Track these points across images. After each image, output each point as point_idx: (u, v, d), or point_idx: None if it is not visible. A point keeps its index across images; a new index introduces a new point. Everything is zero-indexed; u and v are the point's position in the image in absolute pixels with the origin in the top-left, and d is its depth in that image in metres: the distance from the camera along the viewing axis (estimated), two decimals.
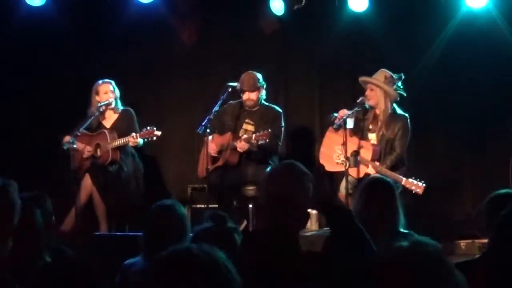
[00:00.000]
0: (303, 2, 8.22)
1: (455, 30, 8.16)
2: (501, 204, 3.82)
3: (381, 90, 7.13)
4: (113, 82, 7.76)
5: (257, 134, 7.16)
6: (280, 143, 7.62)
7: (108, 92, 7.71)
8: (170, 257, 1.71)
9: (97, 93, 7.72)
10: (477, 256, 3.77)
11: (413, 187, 6.74)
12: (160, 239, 3.61)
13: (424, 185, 6.72)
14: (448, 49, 8.19)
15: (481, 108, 8.20)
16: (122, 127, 7.68)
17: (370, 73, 7.26)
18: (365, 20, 8.27)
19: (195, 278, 1.66)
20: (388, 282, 2.38)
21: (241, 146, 7.32)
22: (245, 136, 7.44)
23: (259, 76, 7.56)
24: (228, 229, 3.12)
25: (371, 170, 6.98)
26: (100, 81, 7.74)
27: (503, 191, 3.92)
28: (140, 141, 7.47)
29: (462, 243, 7.47)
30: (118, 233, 7.24)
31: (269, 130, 7.17)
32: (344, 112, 7.00)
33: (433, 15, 8.21)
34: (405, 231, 4.26)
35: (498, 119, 8.09)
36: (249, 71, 7.55)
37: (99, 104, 7.60)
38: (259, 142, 7.14)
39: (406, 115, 7.22)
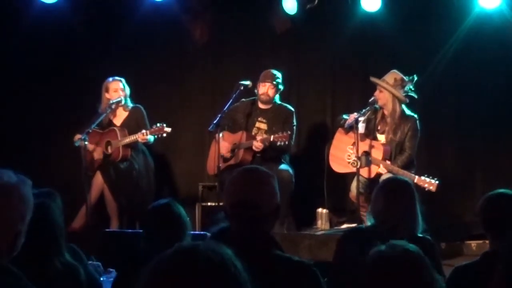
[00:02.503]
0: (316, 2, 8.20)
1: (468, 31, 8.13)
2: (495, 205, 3.83)
3: (389, 93, 7.12)
4: (123, 80, 7.78)
5: (277, 135, 7.15)
6: (292, 142, 7.62)
7: (118, 90, 7.73)
8: (177, 255, 1.70)
9: (107, 90, 7.75)
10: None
11: (426, 185, 6.72)
12: (158, 239, 3.62)
13: (437, 182, 6.69)
14: (461, 50, 8.16)
15: (494, 108, 8.17)
16: (132, 125, 7.70)
17: (382, 73, 7.24)
18: (377, 20, 8.25)
19: (202, 275, 1.65)
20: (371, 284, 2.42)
21: (258, 146, 7.32)
22: (261, 136, 7.45)
23: (280, 76, 7.58)
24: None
25: (382, 170, 6.96)
26: (110, 79, 7.76)
27: (496, 192, 3.91)
28: (151, 138, 7.47)
29: (473, 243, 7.45)
30: (129, 230, 7.24)
31: (289, 132, 7.19)
32: (355, 115, 6.99)
33: (446, 15, 8.18)
34: (420, 235, 4.24)
35: (511, 120, 8.07)
36: (272, 69, 7.57)
37: (111, 102, 7.62)
38: (278, 144, 7.14)
39: (415, 116, 7.21)
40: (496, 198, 3.87)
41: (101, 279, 4.44)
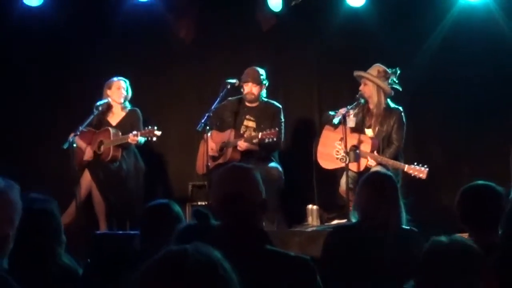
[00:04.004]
0: None
1: (453, 23, 8.17)
2: (471, 198, 3.83)
3: (374, 85, 7.16)
4: (127, 81, 7.87)
5: (265, 132, 7.15)
6: (282, 139, 7.63)
7: (120, 88, 7.82)
8: (166, 258, 1.71)
9: (110, 88, 7.82)
10: None
11: (416, 173, 6.76)
12: (156, 238, 3.62)
13: (427, 169, 6.73)
14: (446, 42, 8.20)
15: (479, 101, 8.20)
16: (127, 126, 7.74)
17: (368, 68, 7.28)
18: (362, 15, 8.28)
19: (191, 279, 1.65)
20: (431, 275, 2.42)
21: (242, 145, 7.32)
22: (246, 135, 7.46)
23: (263, 72, 7.58)
24: (211, 226, 3.13)
25: (372, 162, 7.00)
26: (115, 78, 7.84)
27: (472, 184, 3.92)
28: (141, 139, 7.49)
29: (464, 236, 7.46)
30: (119, 232, 7.24)
31: (277, 129, 7.19)
32: (343, 110, 7.01)
33: (430, 8, 8.21)
34: (407, 227, 4.26)
35: (496, 112, 8.11)
36: (253, 66, 7.58)
37: (97, 104, 7.68)
38: (266, 141, 7.14)
39: (400, 108, 7.25)
40: (472, 191, 3.87)
41: None
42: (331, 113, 7.21)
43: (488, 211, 3.77)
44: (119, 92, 7.80)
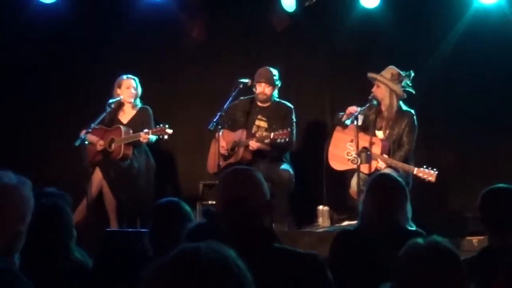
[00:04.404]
0: None
1: (467, 26, 8.14)
2: (493, 201, 3.84)
3: (386, 87, 7.14)
4: (136, 79, 7.86)
5: (277, 132, 7.14)
6: (294, 139, 7.62)
7: (130, 87, 7.80)
8: (180, 256, 1.70)
9: (119, 87, 7.81)
10: (475, 253, 3.78)
11: (426, 176, 6.74)
12: (165, 237, 3.62)
13: (436, 172, 6.70)
14: (460, 46, 8.17)
15: (492, 104, 8.17)
16: (138, 124, 7.72)
17: (381, 70, 7.26)
18: (376, 16, 8.26)
19: (205, 277, 1.65)
20: (409, 276, 2.41)
21: (253, 145, 7.32)
22: (258, 135, 7.45)
23: (276, 72, 7.57)
24: (221, 225, 3.13)
25: (382, 164, 6.98)
26: (125, 76, 7.83)
27: (495, 187, 3.93)
28: (152, 138, 7.48)
29: (475, 239, 7.44)
30: (129, 229, 7.24)
31: (289, 129, 7.18)
32: (353, 108, 7.00)
33: (444, 11, 8.19)
34: (412, 228, 4.26)
35: (508, 116, 8.08)
36: (266, 67, 7.57)
37: (110, 101, 7.66)
38: (278, 141, 7.13)
39: (412, 111, 7.22)
40: (494, 194, 3.88)
41: None
42: (341, 113, 7.20)
43: (508, 213, 3.78)
44: (128, 91, 7.79)
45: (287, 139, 7.12)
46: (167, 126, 7.40)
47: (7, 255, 2.56)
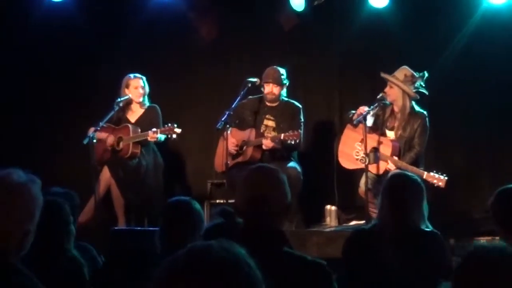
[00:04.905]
0: None
1: (476, 26, 8.12)
2: (506, 201, 3.83)
3: (399, 89, 7.11)
4: (144, 78, 7.84)
5: (287, 134, 7.13)
6: (302, 139, 7.61)
7: (138, 87, 7.78)
8: (190, 254, 1.69)
9: (127, 86, 7.79)
10: None
11: (435, 181, 6.71)
12: (176, 235, 3.62)
13: (446, 178, 6.68)
14: (469, 45, 8.15)
15: (501, 104, 8.16)
16: (145, 123, 7.72)
17: (390, 69, 7.23)
18: (385, 16, 8.24)
19: (216, 275, 1.64)
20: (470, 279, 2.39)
21: (268, 144, 7.29)
22: (269, 134, 7.45)
23: (284, 72, 7.56)
24: (238, 224, 3.13)
25: (391, 166, 6.96)
26: (132, 75, 7.81)
27: (507, 187, 3.92)
28: (161, 137, 7.48)
29: (483, 240, 7.42)
30: (137, 228, 7.25)
31: (299, 131, 7.18)
32: (363, 109, 6.99)
33: (454, 11, 8.17)
34: (427, 229, 4.24)
35: None
36: (274, 66, 7.56)
37: (118, 100, 7.66)
38: (288, 142, 7.13)
39: (425, 112, 7.20)
40: (507, 193, 3.88)
41: None
42: (353, 111, 7.18)
43: None
44: (137, 91, 7.78)
45: (297, 141, 7.12)
46: (175, 125, 7.40)
47: (16, 254, 2.56)
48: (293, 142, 7.12)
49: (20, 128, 8.73)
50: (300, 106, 7.67)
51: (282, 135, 7.16)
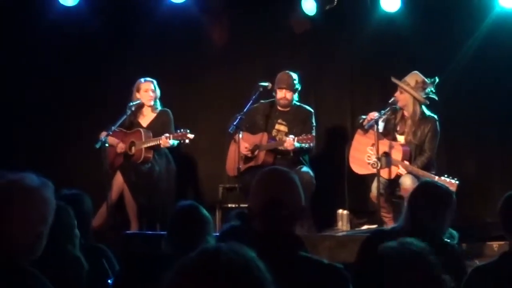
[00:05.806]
0: (335, 2, 8.20)
1: (488, 30, 8.10)
2: None
3: (410, 95, 7.10)
4: (154, 82, 7.86)
5: (301, 137, 7.13)
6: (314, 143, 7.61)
7: (148, 91, 7.79)
8: (200, 257, 1.70)
9: (138, 90, 7.82)
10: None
11: (446, 185, 6.69)
12: (182, 240, 3.63)
13: (457, 182, 6.66)
14: (481, 50, 8.13)
15: None
16: (158, 127, 7.73)
17: (402, 74, 7.22)
18: (397, 20, 8.24)
19: (226, 278, 1.65)
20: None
21: (290, 144, 7.20)
22: (278, 139, 7.45)
23: (296, 76, 7.55)
24: (253, 227, 3.13)
25: (402, 171, 6.95)
26: (143, 79, 7.83)
27: None
28: (174, 142, 7.49)
29: (495, 244, 7.39)
30: (149, 232, 7.27)
31: (313, 134, 7.17)
32: (373, 114, 6.98)
33: (466, 15, 8.16)
34: (446, 240, 4.23)
35: None
36: (286, 71, 7.56)
37: (130, 104, 7.68)
38: (302, 145, 7.12)
39: (435, 116, 7.19)
40: None
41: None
42: (363, 116, 7.18)
43: None
44: (147, 94, 7.80)
45: (311, 144, 7.12)
46: (188, 131, 7.40)
47: (28, 257, 2.58)
48: (307, 146, 7.13)
49: (34, 132, 8.77)
50: (312, 110, 7.67)
51: (297, 138, 7.15)
